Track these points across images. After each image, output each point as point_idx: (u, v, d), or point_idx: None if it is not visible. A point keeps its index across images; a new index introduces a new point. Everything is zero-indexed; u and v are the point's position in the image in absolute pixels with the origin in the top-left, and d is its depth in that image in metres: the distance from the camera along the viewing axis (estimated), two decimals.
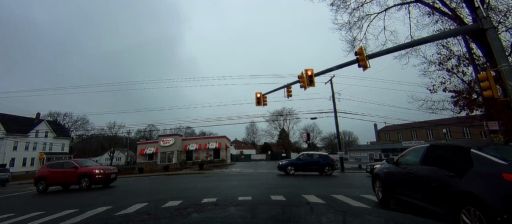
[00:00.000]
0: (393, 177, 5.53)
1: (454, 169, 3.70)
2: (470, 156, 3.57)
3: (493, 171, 3.14)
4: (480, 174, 3.28)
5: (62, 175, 12.07)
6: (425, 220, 1.18)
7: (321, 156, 17.07)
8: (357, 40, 15.47)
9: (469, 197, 3.26)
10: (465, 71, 12.36)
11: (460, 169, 3.58)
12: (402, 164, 5.28)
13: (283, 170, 16.16)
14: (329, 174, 15.74)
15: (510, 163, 3.10)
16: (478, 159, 3.46)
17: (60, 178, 12.12)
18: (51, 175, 12.12)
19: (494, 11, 10.99)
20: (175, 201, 7.23)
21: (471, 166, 3.45)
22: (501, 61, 7.17)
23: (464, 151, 3.74)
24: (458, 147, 4.00)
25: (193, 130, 69.73)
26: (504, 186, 2.90)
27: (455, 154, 3.96)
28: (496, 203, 2.89)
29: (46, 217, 5.95)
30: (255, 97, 13.58)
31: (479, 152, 3.51)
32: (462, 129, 35.89)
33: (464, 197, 3.35)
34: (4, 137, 36.81)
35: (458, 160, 3.78)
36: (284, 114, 60.45)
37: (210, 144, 38.56)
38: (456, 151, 3.98)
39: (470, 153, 3.60)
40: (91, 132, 54.26)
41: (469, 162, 3.52)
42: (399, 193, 5.22)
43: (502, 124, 11.03)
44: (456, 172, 3.62)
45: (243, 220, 1.12)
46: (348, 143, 68.29)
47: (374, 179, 6.56)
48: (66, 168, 12.25)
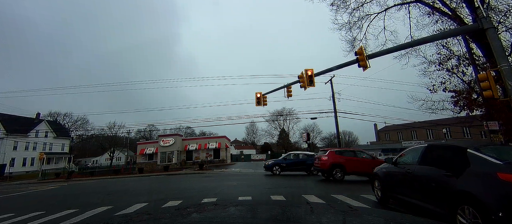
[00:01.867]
0: (392, 177, 5.60)
1: (452, 168, 3.77)
2: (467, 156, 3.64)
3: (489, 170, 3.21)
4: (477, 174, 3.36)
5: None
6: (425, 220, 1.18)
7: (308, 155, 16.83)
8: (357, 40, 15.49)
9: (466, 196, 3.33)
10: (465, 71, 12.37)
11: (457, 169, 3.66)
12: (401, 164, 5.32)
13: (269, 170, 16.03)
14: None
15: (505, 163, 3.17)
16: (475, 159, 3.53)
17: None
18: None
19: (494, 11, 11.00)
20: (175, 201, 7.23)
21: (468, 166, 3.53)
22: (501, 61, 7.17)
23: (461, 151, 3.80)
24: (455, 147, 4.05)
25: (193, 130, 69.73)
26: (500, 185, 2.98)
27: (452, 154, 4.02)
28: (492, 202, 2.98)
29: (46, 217, 5.95)
30: (255, 97, 13.58)
31: (475, 152, 3.59)
32: (462, 129, 35.89)
33: (461, 196, 3.43)
34: (4, 137, 36.79)
35: (455, 160, 3.85)
36: (284, 114, 60.49)
37: (210, 144, 38.54)
38: (454, 151, 4.04)
39: (466, 153, 3.68)
40: (91, 132, 54.23)
41: (466, 162, 3.59)
42: (397, 193, 5.28)
43: (502, 124, 11.03)
44: (453, 171, 3.69)
45: (243, 220, 1.12)
46: (348, 143, 68.18)
47: (373, 179, 6.64)
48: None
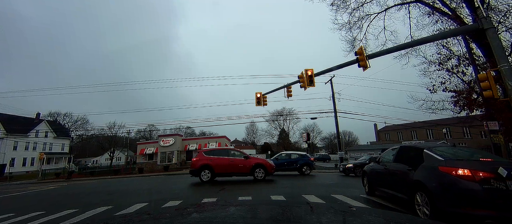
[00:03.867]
0: (375, 173, 6.67)
1: (412, 164, 4.74)
2: (422, 155, 4.60)
3: (434, 165, 4.17)
4: (426, 168, 4.34)
5: None
6: (425, 220, 1.19)
7: (300, 155, 16.94)
8: (357, 40, 15.50)
9: (419, 184, 4.31)
10: (465, 71, 12.38)
11: (415, 164, 4.62)
12: (382, 161, 6.37)
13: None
14: (307, 174, 15.65)
15: (446, 159, 4.16)
16: (427, 156, 4.49)
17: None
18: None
19: (494, 11, 11.00)
20: (175, 201, 7.23)
21: (422, 161, 4.50)
22: (501, 61, 7.17)
23: (420, 150, 4.79)
24: (416, 148, 5.13)
25: (193, 130, 69.72)
26: (440, 175, 3.94)
27: (414, 153, 5.01)
28: (434, 187, 3.96)
29: (46, 217, 5.95)
30: (255, 97, 13.58)
31: (428, 151, 4.56)
32: (462, 129, 35.89)
33: (416, 185, 4.41)
34: (4, 137, 36.78)
35: (415, 158, 4.78)
36: (284, 114, 60.51)
37: (210, 144, 38.52)
38: (415, 151, 5.06)
39: (422, 152, 4.64)
40: (91, 132, 54.18)
41: (421, 159, 4.55)
42: (379, 185, 6.34)
43: (502, 124, 11.04)
44: (413, 166, 4.67)
45: (243, 220, 1.12)
46: (348, 143, 68.16)
47: (363, 176, 7.65)
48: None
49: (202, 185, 10.59)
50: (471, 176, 3.61)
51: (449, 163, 4.02)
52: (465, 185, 3.60)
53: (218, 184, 10.73)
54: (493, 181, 3.52)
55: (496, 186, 3.49)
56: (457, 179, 3.69)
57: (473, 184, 3.56)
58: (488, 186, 3.50)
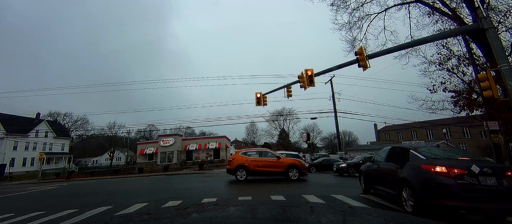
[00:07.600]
0: (370, 172, 7.08)
1: (400, 163, 5.21)
2: (408, 154, 5.05)
3: (417, 163, 4.63)
4: (411, 166, 4.79)
5: None
6: (424, 220, 1.18)
7: (292, 155, 16.47)
8: (357, 40, 15.49)
9: (405, 181, 4.76)
10: (465, 71, 12.39)
11: (402, 163, 5.10)
12: (376, 161, 6.80)
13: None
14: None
15: (427, 158, 4.59)
16: (412, 156, 4.95)
17: None
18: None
19: (494, 11, 11.00)
20: (175, 201, 7.23)
21: (408, 160, 4.96)
22: (501, 61, 7.17)
23: (406, 151, 5.25)
24: (404, 148, 5.58)
25: (193, 130, 69.71)
26: (421, 172, 4.39)
27: (402, 153, 5.45)
28: (417, 183, 4.42)
29: (46, 217, 5.95)
30: (255, 97, 13.58)
31: (413, 151, 5.01)
32: (462, 129, 35.88)
33: (403, 181, 4.85)
34: (4, 137, 36.76)
35: (402, 157, 5.25)
36: (284, 114, 60.49)
37: (210, 144, 38.53)
38: (403, 151, 5.52)
39: (409, 152, 5.09)
40: (91, 132, 54.20)
41: (407, 158, 5.02)
42: (373, 183, 6.80)
43: (502, 124, 11.02)
44: (400, 165, 5.14)
45: (243, 220, 1.12)
46: (348, 143, 68.11)
47: (360, 175, 8.13)
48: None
49: (202, 185, 10.57)
50: (447, 172, 4.08)
51: (429, 161, 4.48)
52: (441, 180, 4.06)
53: (218, 185, 10.71)
54: (466, 176, 3.96)
55: (469, 181, 3.93)
56: (436, 175, 4.16)
57: (448, 179, 4.02)
58: (461, 181, 3.94)
